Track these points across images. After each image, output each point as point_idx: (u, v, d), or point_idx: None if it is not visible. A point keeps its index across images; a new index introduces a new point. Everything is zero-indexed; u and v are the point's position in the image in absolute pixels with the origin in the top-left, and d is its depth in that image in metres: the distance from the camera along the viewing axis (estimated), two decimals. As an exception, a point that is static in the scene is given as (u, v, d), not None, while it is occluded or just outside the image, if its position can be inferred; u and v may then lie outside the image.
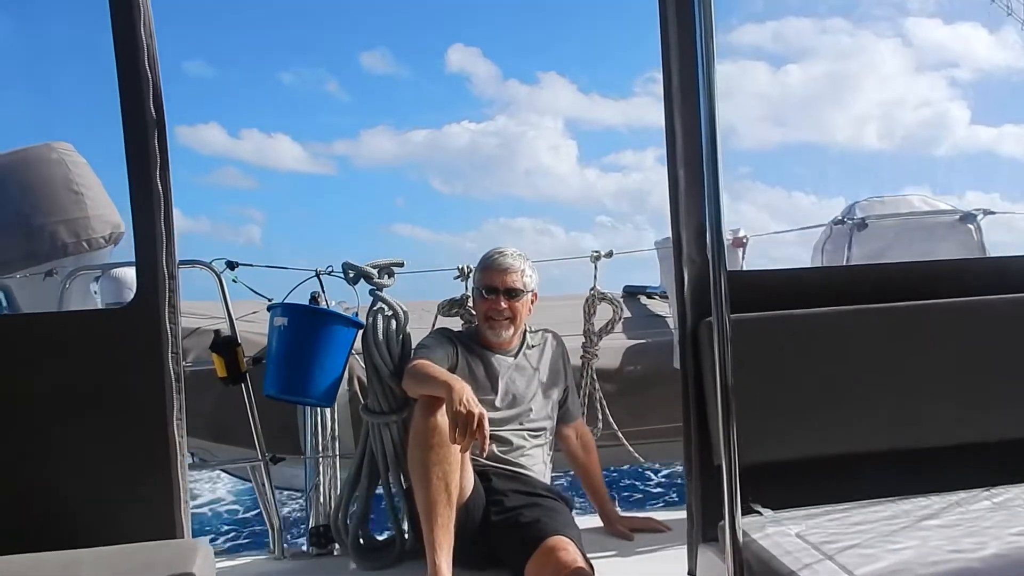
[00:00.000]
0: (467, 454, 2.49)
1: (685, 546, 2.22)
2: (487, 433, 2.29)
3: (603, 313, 3.34)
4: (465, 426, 2.26)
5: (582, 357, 3.32)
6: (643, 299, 5.38)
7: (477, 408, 2.30)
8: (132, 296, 2.18)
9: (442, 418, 2.37)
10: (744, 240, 3.81)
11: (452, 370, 2.70)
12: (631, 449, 3.38)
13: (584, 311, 3.33)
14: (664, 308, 5.02)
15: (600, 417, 3.33)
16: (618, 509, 3.09)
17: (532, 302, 2.90)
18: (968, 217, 4.02)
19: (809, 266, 4.03)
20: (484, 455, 2.46)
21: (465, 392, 2.34)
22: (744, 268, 3.61)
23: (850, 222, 4.06)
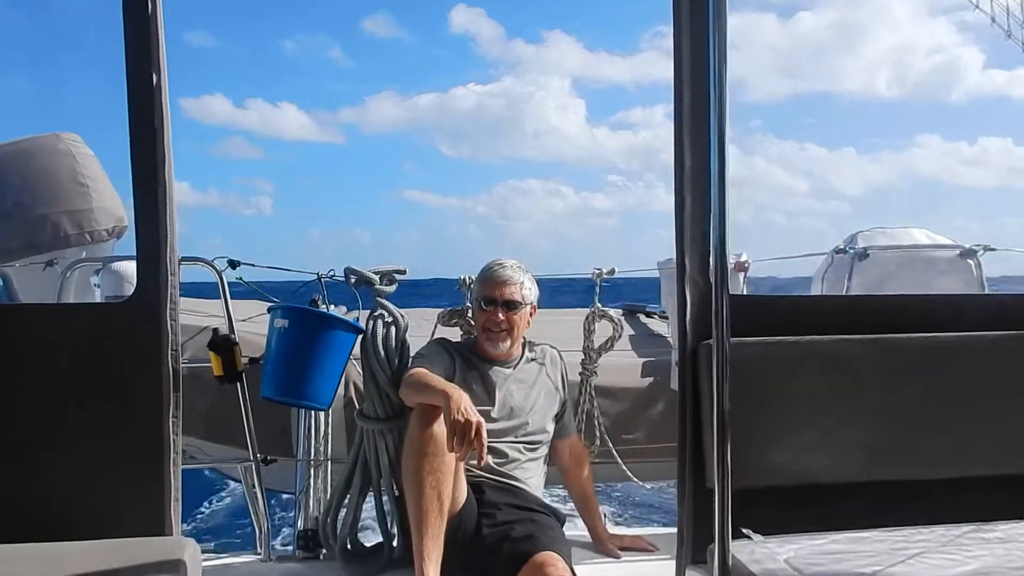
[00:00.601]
0: (462, 465, 2.49)
1: (673, 566, 2.22)
2: (485, 442, 2.29)
3: (603, 330, 3.34)
4: (463, 435, 2.26)
5: (581, 374, 3.32)
6: (642, 318, 5.39)
7: (475, 417, 2.29)
8: (132, 291, 2.18)
9: (438, 427, 2.37)
10: (746, 264, 3.82)
11: (449, 380, 2.70)
12: (625, 468, 3.37)
13: (584, 328, 3.33)
14: (663, 327, 5.03)
15: (598, 434, 3.33)
16: (608, 526, 3.09)
17: (531, 315, 2.90)
18: (968, 253, 4.04)
19: (810, 294, 4.04)
20: (481, 465, 2.45)
21: (463, 401, 2.33)
22: (745, 292, 3.62)
23: (851, 251, 4.07)
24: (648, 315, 5.48)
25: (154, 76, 2.06)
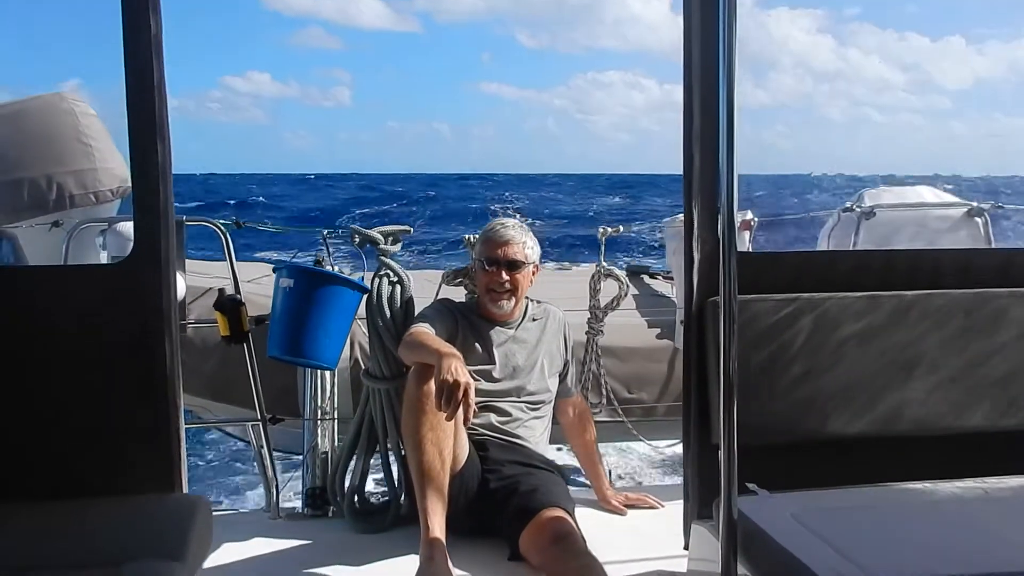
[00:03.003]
0: (463, 423, 2.50)
1: (680, 523, 2.24)
2: (472, 403, 2.28)
3: (609, 289, 3.34)
4: (450, 394, 2.25)
5: (587, 333, 3.32)
6: (646, 278, 5.39)
7: (464, 377, 2.27)
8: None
9: (434, 386, 2.37)
10: (751, 223, 3.82)
11: (451, 341, 2.70)
12: (630, 427, 3.39)
13: (590, 287, 3.33)
14: (667, 288, 5.03)
15: (604, 393, 3.35)
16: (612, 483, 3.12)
17: (533, 274, 2.90)
18: (976, 211, 4.03)
19: (817, 249, 4.03)
20: (467, 425, 2.44)
21: (454, 361, 2.32)
22: (750, 250, 3.62)
23: (858, 210, 4.06)
24: (652, 275, 5.49)
25: (152, 22, 2.03)
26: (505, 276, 2.79)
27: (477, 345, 2.80)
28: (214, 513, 2.04)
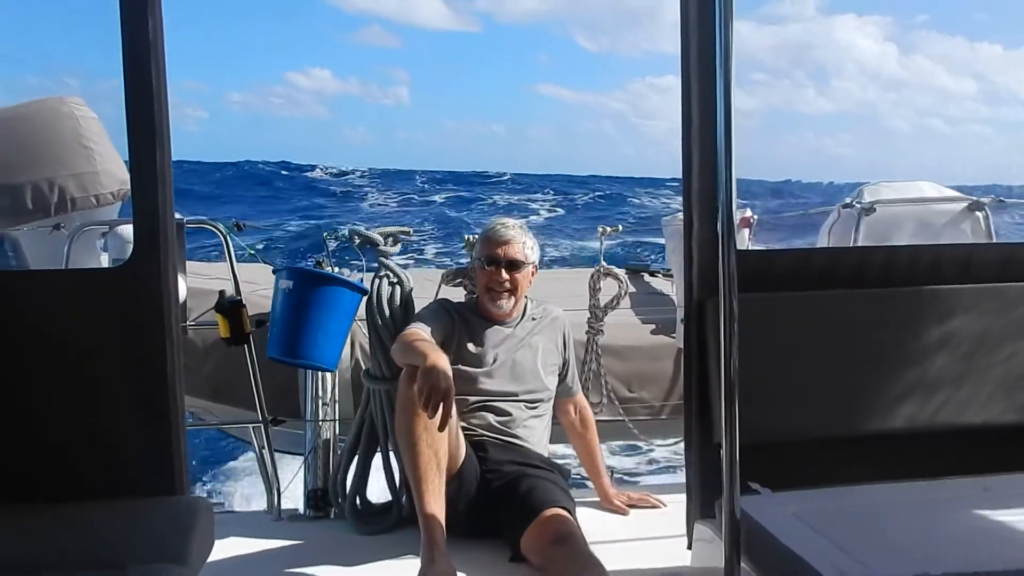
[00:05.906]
0: (459, 423, 2.50)
1: (683, 522, 2.24)
2: (450, 409, 2.29)
3: (608, 288, 3.33)
4: (427, 399, 2.26)
5: (587, 332, 3.32)
6: (646, 276, 5.39)
7: (444, 383, 2.28)
8: None
9: (415, 389, 2.37)
10: (751, 220, 3.82)
11: (448, 341, 2.71)
12: (631, 426, 3.39)
13: (589, 286, 3.32)
14: (667, 286, 5.03)
15: (604, 392, 3.34)
16: (614, 483, 3.11)
17: (533, 274, 2.90)
18: (977, 205, 4.01)
19: (817, 247, 4.03)
20: (441, 430, 2.43)
21: (436, 367, 2.32)
22: (750, 248, 3.61)
23: (858, 206, 4.04)
24: (652, 274, 5.48)
25: (150, 22, 2.02)
26: (505, 275, 2.79)
27: (475, 344, 2.80)
28: (216, 514, 2.04)
